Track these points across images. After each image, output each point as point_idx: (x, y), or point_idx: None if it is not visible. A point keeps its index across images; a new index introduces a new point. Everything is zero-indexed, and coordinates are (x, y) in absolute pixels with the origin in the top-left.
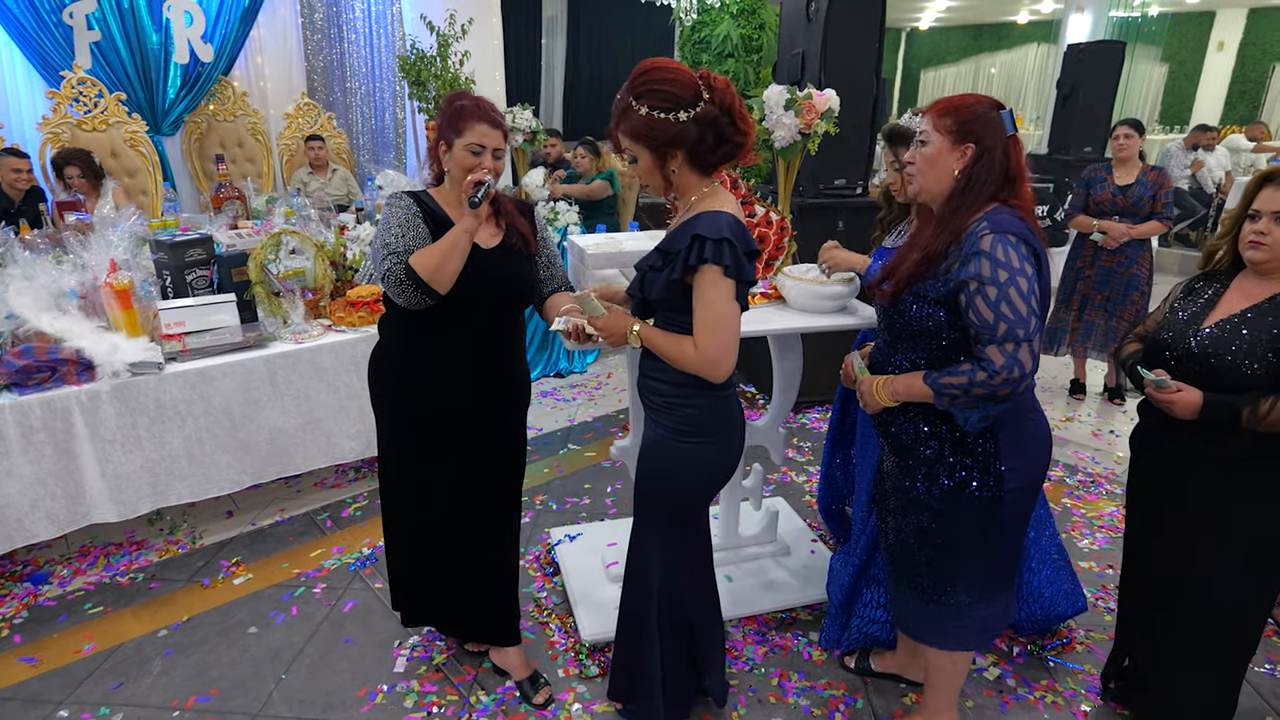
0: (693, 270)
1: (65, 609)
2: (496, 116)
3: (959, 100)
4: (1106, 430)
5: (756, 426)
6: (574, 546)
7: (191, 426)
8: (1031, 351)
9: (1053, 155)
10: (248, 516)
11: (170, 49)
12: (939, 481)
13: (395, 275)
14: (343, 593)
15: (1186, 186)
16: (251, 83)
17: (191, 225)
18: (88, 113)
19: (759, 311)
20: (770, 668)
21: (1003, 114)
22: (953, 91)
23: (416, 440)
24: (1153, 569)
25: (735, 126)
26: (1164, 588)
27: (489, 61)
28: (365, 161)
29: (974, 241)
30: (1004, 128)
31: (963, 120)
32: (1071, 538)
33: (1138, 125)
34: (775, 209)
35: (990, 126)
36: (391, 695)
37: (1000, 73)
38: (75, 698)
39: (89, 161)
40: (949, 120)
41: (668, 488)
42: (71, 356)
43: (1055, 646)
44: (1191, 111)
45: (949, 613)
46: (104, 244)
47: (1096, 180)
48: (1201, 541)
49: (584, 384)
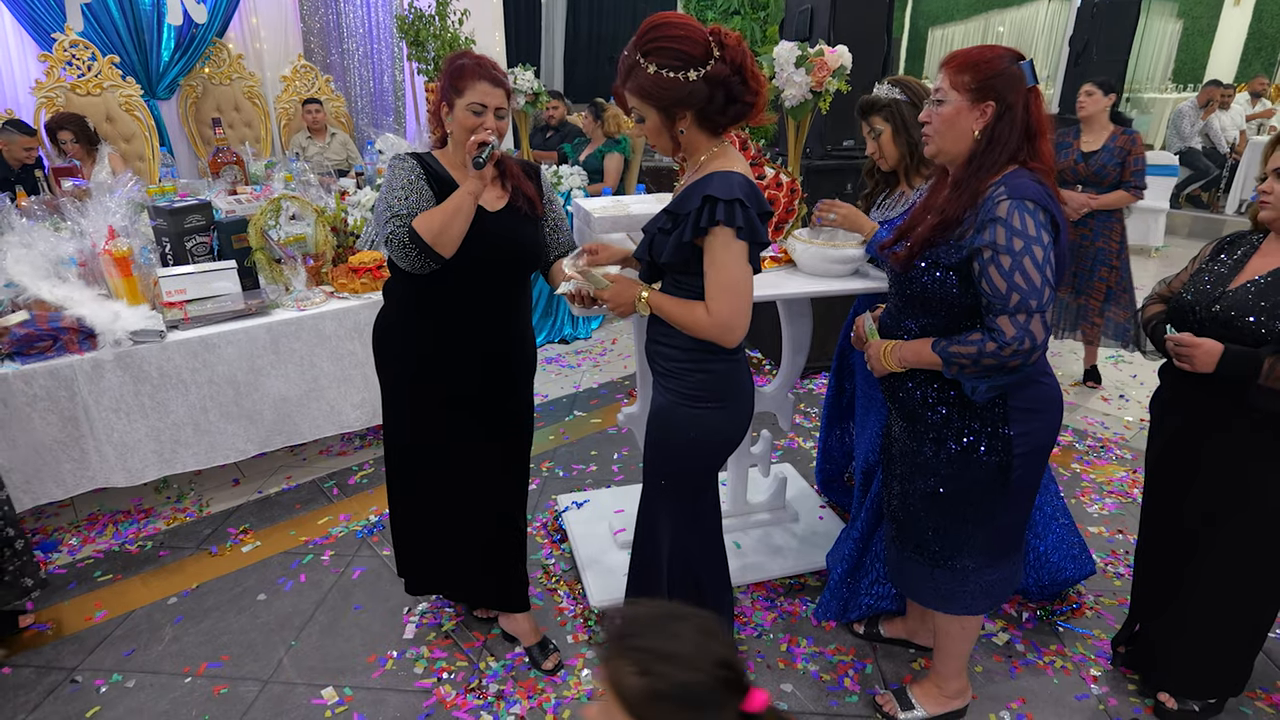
0: (704, 232)
1: (75, 577)
2: (498, 74)
3: (977, 54)
4: (1117, 395)
5: (764, 393)
6: (581, 513)
7: (195, 394)
8: (1044, 323)
9: (1064, 115)
10: (254, 484)
11: (163, 10)
12: (947, 446)
13: (399, 238)
14: (351, 560)
15: (1200, 146)
16: (247, 45)
17: (190, 191)
18: (81, 76)
19: (769, 275)
20: (779, 633)
21: (1023, 65)
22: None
23: (422, 406)
24: (1170, 534)
25: (746, 85)
26: (1181, 552)
27: (488, 21)
28: (364, 125)
29: (990, 207)
30: (1024, 81)
31: (983, 77)
32: (1081, 503)
33: (1104, 84)
34: (785, 170)
35: (1011, 82)
36: (401, 661)
37: (1010, 30)
38: (88, 664)
39: (83, 126)
40: (967, 77)
41: (678, 454)
42: (73, 325)
43: (1065, 612)
44: (1205, 70)
45: (954, 577)
46: (102, 210)
47: (1062, 145)
48: (1221, 506)
49: (589, 350)
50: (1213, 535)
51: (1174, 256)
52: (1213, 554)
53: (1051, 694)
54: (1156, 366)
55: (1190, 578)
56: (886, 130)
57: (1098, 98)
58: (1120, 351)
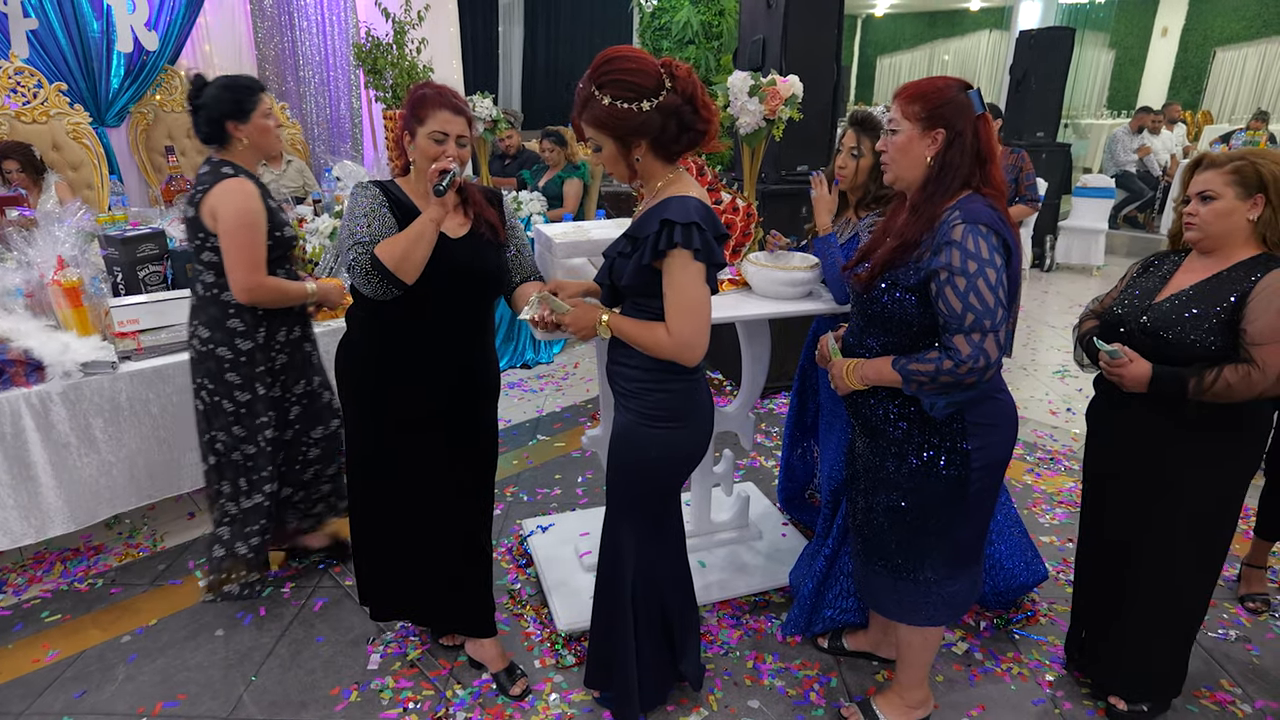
0: (662, 255)
1: (21, 618)
2: (459, 103)
3: (926, 85)
4: (1064, 409)
5: (726, 413)
6: (546, 537)
7: (149, 426)
8: (998, 341)
9: (1007, 141)
10: (210, 517)
11: (113, 37)
12: (908, 460)
13: (361, 265)
14: (312, 591)
15: (1135, 169)
16: (200, 72)
17: (142, 220)
18: (26, 104)
19: (726, 298)
20: (745, 650)
21: (971, 94)
22: (909, 78)
23: (384, 431)
24: (1106, 540)
25: (698, 114)
26: (1117, 558)
27: (446, 49)
28: (321, 152)
29: (946, 231)
30: (973, 108)
31: (932, 106)
32: (1033, 514)
33: (993, 110)
34: (741, 195)
35: (959, 110)
36: (366, 693)
37: (954, 59)
38: (36, 708)
39: (29, 155)
40: (917, 107)
41: (639, 473)
42: (19, 357)
43: (1020, 620)
44: (1137, 97)
45: (918, 589)
46: (50, 240)
47: None
48: (1153, 510)
49: (551, 374)
50: (1142, 539)
51: (1114, 275)
52: (1145, 558)
53: (1009, 700)
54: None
55: (1130, 582)
56: (869, 155)
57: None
58: (1065, 366)
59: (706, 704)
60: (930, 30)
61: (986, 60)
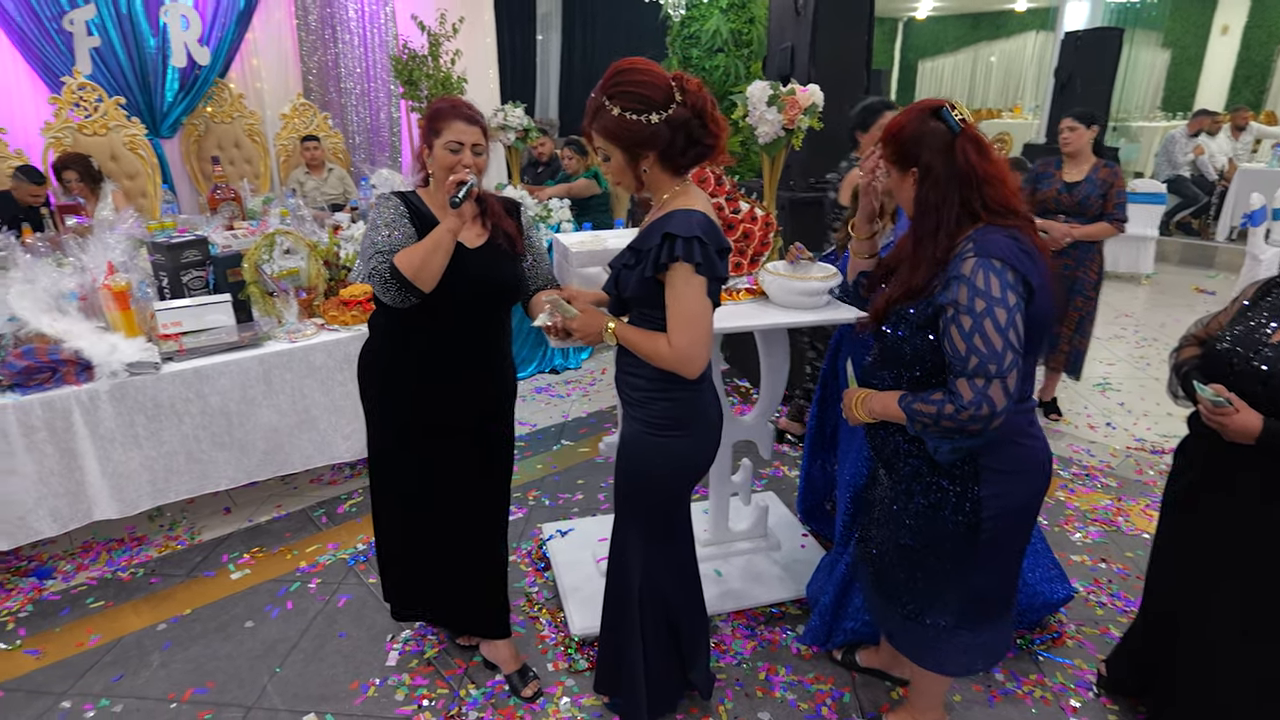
0: (664, 268)
1: (68, 603)
2: (472, 113)
3: (894, 122)
4: (1103, 423)
5: (744, 421)
6: (565, 542)
7: (189, 425)
8: (1005, 388)
9: (1050, 144)
10: (245, 513)
11: (168, 53)
12: (915, 499)
13: (380, 274)
14: (337, 587)
15: (1189, 174)
16: (248, 84)
17: (189, 227)
18: (88, 117)
19: (743, 307)
20: (758, 662)
21: (943, 114)
22: (950, 82)
23: (403, 435)
24: (1182, 585)
25: (706, 129)
26: (1196, 608)
27: (482, 60)
28: (361, 161)
29: (957, 264)
30: (946, 132)
31: (897, 145)
32: (1064, 531)
33: (1084, 116)
34: (760, 205)
35: (923, 141)
36: (383, 688)
37: (1000, 61)
38: (77, 689)
39: (87, 166)
40: (890, 149)
41: (644, 481)
42: (71, 357)
43: (1045, 641)
44: (1195, 98)
45: (927, 633)
46: (102, 246)
47: (1044, 176)
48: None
49: (578, 380)
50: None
51: (1165, 284)
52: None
53: None
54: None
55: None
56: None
57: (1080, 132)
58: (1107, 378)
59: (716, 714)
60: (973, 33)
61: (1032, 62)
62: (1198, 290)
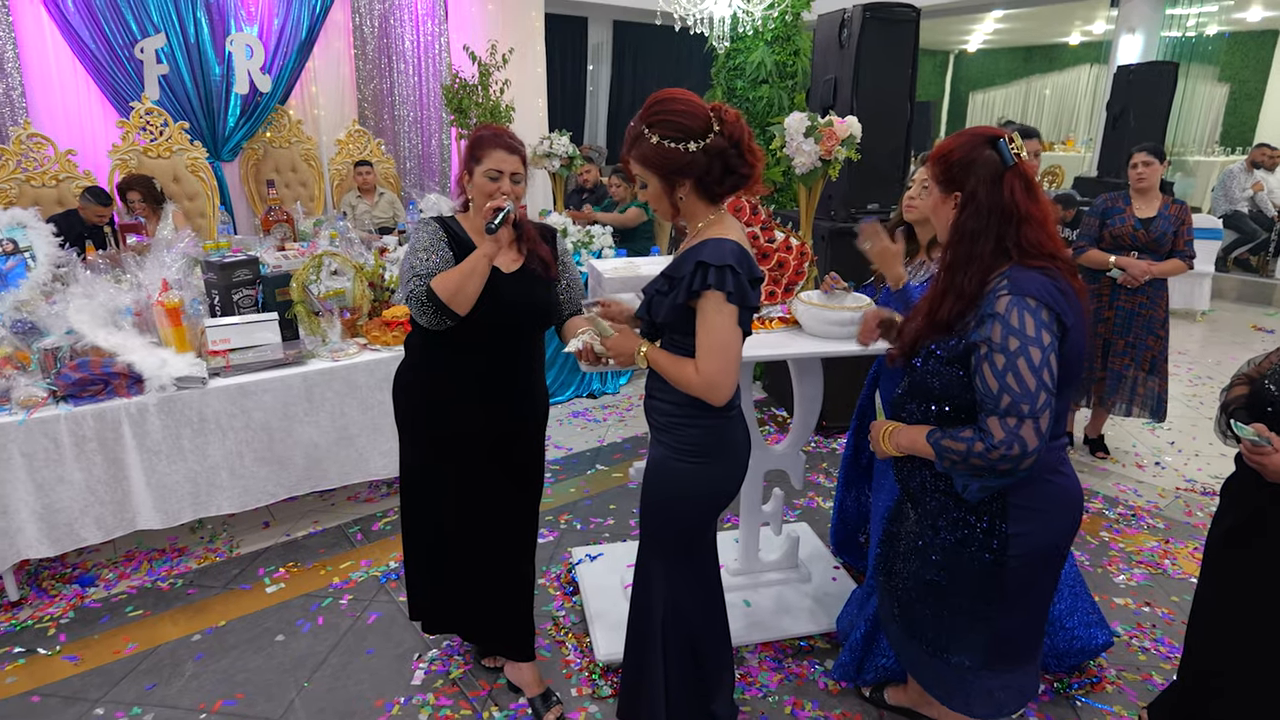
0: (696, 295)
1: (108, 611)
2: (513, 142)
3: (950, 142)
4: (1152, 462)
5: (775, 451)
6: (594, 566)
7: (232, 439)
8: (1037, 429)
9: (1102, 178)
10: (283, 527)
11: (232, 80)
12: (941, 535)
13: (417, 296)
14: (368, 604)
15: (1247, 209)
16: (306, 111)
17: (243, 247)
18: (153, 141)
19: (777, 335)
20: (784, 695)
21: (999, 144)
22: (1003, 115)
23: (434, 454)
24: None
25: (743, 159)
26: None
27: (530, 89)
28: (411, 186)
29: (991, 301)
30: (997, 165)
31: (945, 166)
32: (1108, 573)
33: (1158, 152)
34: (796, 234)
35: (973, 168)
36: (407, 707)
37: (1053, 94)
38: (111, 696)
39: (150, 187)
40: (938, 168)
41: (668, 508)
42: (123, 370)
43: (1083, 685)
44: (1254, 133)
45: (951, 673)
46: (158, 264)
47: (1114, 211)
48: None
49: (615, 405)
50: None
51: (1221, 321)
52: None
53: None
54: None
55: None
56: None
57: (1155, 167)
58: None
59: None
60: (1025, 66)
61: (1086, 95)
62: (1256, 328)
